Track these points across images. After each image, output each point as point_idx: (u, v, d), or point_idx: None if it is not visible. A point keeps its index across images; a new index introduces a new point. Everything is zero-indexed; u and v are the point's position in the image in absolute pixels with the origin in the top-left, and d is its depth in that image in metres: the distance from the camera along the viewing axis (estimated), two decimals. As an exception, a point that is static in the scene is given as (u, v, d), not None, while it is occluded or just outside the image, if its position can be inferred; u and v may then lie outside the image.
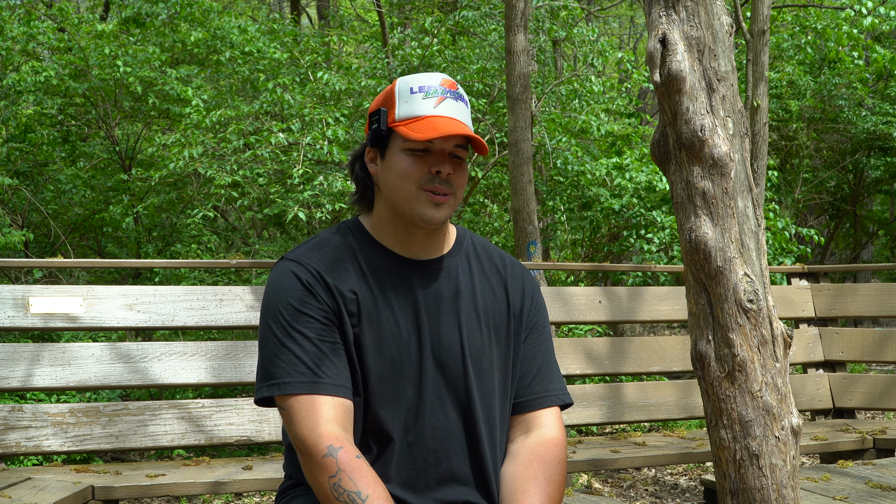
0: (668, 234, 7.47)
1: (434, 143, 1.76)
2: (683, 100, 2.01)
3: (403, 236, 1.83)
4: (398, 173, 1.77)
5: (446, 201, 1.77)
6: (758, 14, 6.40)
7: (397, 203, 1.79)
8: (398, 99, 1.80)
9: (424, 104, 1.77)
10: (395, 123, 1.78)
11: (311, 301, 1.75)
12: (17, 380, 3.60)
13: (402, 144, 1.77)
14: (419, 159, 1.76)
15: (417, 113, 1.77)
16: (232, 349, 3.88)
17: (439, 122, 1.75)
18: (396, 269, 1.82)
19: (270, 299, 1.78)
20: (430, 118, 1.76)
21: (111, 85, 8.08)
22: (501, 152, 8.20)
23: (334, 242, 1.84)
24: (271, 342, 1.75)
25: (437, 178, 1.76)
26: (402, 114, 1.78)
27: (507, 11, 6.54)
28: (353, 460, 1.66)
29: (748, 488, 1.97)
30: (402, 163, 1.77)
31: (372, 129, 1.82)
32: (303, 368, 1.72)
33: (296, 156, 7.06)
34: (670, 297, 4.62)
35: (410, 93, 1.79)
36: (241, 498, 4.88)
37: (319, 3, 14.79)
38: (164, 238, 8.36)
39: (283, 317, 1.75)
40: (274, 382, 1.73)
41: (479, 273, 1.90)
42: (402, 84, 1.81)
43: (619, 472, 5.36)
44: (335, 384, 1.72)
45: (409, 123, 1.76)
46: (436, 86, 1.79)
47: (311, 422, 1.69)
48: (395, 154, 1.78)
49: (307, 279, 1.76)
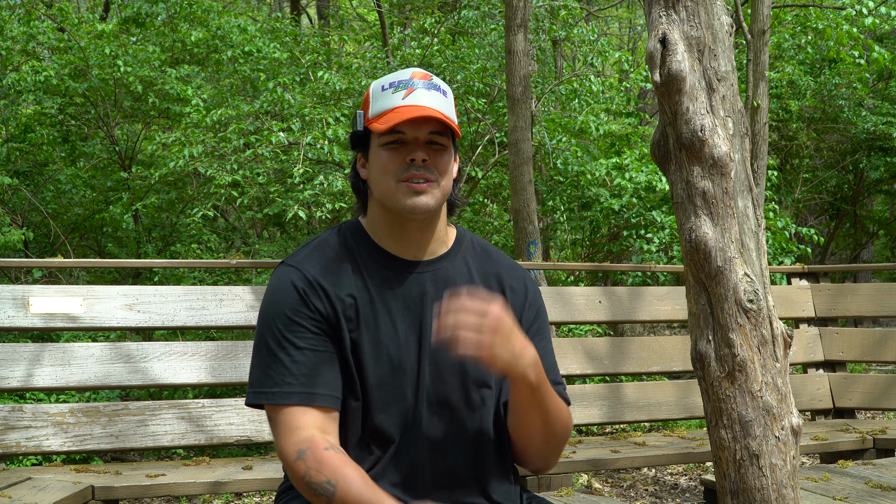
0: (668, 233, 7.47)
1: (406, 133, 1.76)
2: (683, 100, 2.01)
3: (399, 234, 1.83)
4: (377, 170, 1.79)
5: (426, 188, 1.76)
6: (758, 14, 6.39)
7: (384, 201, 1.80)
8: (371, 99, 1.82)
9: (394, 97, 1.78)
10: (369, 122, 1.80)
11: (305, 311, 1.76)
12: (17, 380, 3.60)
13: (378, 141, 1.79)
14: (394, 152, 1.77)
15: (387, 107, 1.78)
16: (232, 349, 3.88)
17: (405, 111, 1.75)
18: (394, 270, 1.83)
19: (267, 306, 1.80)
20: (398, 108, 1.76)
21: (111, 85, 8.08)
22: (501, 152, 8.19)
23: (334, 244, 1.85)
24: (263, 349, 1.77)
25: (413, 166, 1.76)
26: (373, 111, 1.80)
27: (507, 11, 6.54)
28: (319, 454, 1.67)
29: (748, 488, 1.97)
30: (379, 159, 1.78)
31: (351, 133, 1.85)
32: (290, 379, 1.73)
33: (296, 155, 7.06)
34: (670, 297, 4.61)
35: (381, 90, 1.81)
36: (241, 498, 4.88)
37: (319, 3, 14.79)
38: (163, 238, 8.35)
39: (276, 325, 1.76)
40: (261, 391, 1.75)
41: (478, 275, 1.90)
42: (374, 85, 1.84)
43: (619, 472, 5.35)
44: (321, 394, 1.74)
45: (380, 118, 1.78)
46: (406, 79, 1.80)
47: (288, 432, 1.72)
48: (374, 152, 1.80)
49: (303, 287, 1.77)
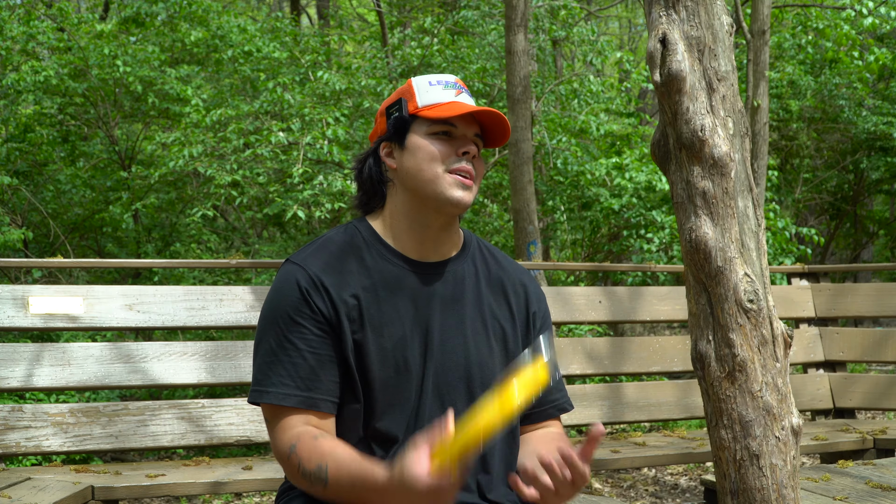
0: (668, 233, 7.47)
1: (458, 129, 1.80)
2: (683, 100, 2.01)
3: (418, 232, 1.82)
4: (425, 157, 1.79)
5: (471, 184, 1.80)
6: (758, 14, 6.39)
7: (423, 188, 1.79)
8: (417, 91, 1.84)
9: (445, 93, 1.82)
10: (419, 110, 1.81)
11: (307, 310, 1.74)
12: (17, 380, 3.60)
13: (427, 129, 1.80)
14: (445, 142, 1.79)
15: (441, 100, 1.81)
16: (232, 349, 3.88)
17: (461, 106, 1.79)
18: (402, 271, 1.81)
19: (270, 304, 1.79)
20: (454, 103, 1.80)
21: (111, 85, 8.08)
22: (501, 152, 8.20)
23: (340, 243, 1.83)
24: (265, 347, 1.77)
25: (465, 158, 1.79)
26: (424, 101, 1.82)
27: (507, 11, 6.54)
28: (308, 442, 1.67)
29: (748, 488, 1.97)
30: (429, 146, 1.79)
31: (393, 117, 1.83)
32: (288, 381, 1.72)
33: (295, 155, 7.06)
34: (670, 297, 4.61)
35: (430, 85, 1.84)
36: (241, 498, 4.88)
37: (319, 2, 14.79)
38: (163, 238, 8.35)
39: (279, 325, 1.75)
40: (261, 390, 1.75)
41: (485, 278, 1.89)
42: (418, 79, 1.86)
43: (619, 472, 5.35)
44: (319, 399, 1.73)
45: (434, 108, 1.80)
46: (452, 81, 1.85)
47: (282, 432, 1.72)
48: (419, 139, 1.80)
49: (307, 286, 1.75)
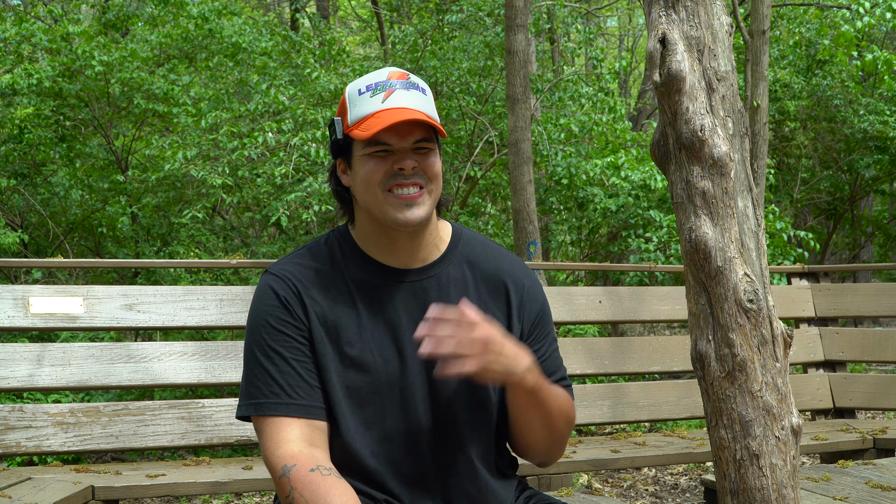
0: (666, 232, 7.47)
1: (392, 140, 1.67)
2: (683, 100, 2.01)
3: (387, 244, 1.76)
4: (362, 180, 1.70)
5: (418, 197, 1.69)
6: (758, 14, 6.40)
7: (370, 211, 1.72)
8: (349, 104, 1.73)
9: (373, 101, 1.69)
10: (349, 129, 1.72)
11: (289, 318, 1.72)
12: (17, 380, 3.60)
13: (361, 150, 1.70)
14: (381, 160, 1.68)
15: (367, 112, 1.69)
16: (232, 349, 3.88)
17: (386, 115, 1.66)
18: (382, 280, 1.76)
19: (252, 316, 1.76)
20: (379, 113, 1.67)
21: (102, 85, 8.07)
22: (500, 152, 8.19)
23: (320, 253, 1.79)
24: (251, 359, 1.74)
25: (401, 174, 1.68)
26: (353, 117, 1.71)
27: (507, 11, 6.54)
28: (304, 476, 1.61)
29: (748, 488, 1.97)
30: (363, 168, 1.69)
31: (331, 140, 1.76)
32: (276, 389, 1.69)
33: (283, 156, 7.05)
34: (671, 297, 4.61)
35: (359, 94, 1.72)
36: (241, 498, 4.88)
37: (319, 2, 14.78)
38: (162, 237, 8.35)
39: (261, 335, 1.73)
40: (249, 402, 1.72)
41: (475, 279, 1.82)
42: (350, 88, 1.75)
43: (620, 472, 5.36)
44: (307, 405, 1.70)
45: (361, 124, 1.69)
46: (383, 80, 1.72)
47: (273, 444, 1.68)
48: (357, 160, 1.71)
49: (285, 295, 1.72)
